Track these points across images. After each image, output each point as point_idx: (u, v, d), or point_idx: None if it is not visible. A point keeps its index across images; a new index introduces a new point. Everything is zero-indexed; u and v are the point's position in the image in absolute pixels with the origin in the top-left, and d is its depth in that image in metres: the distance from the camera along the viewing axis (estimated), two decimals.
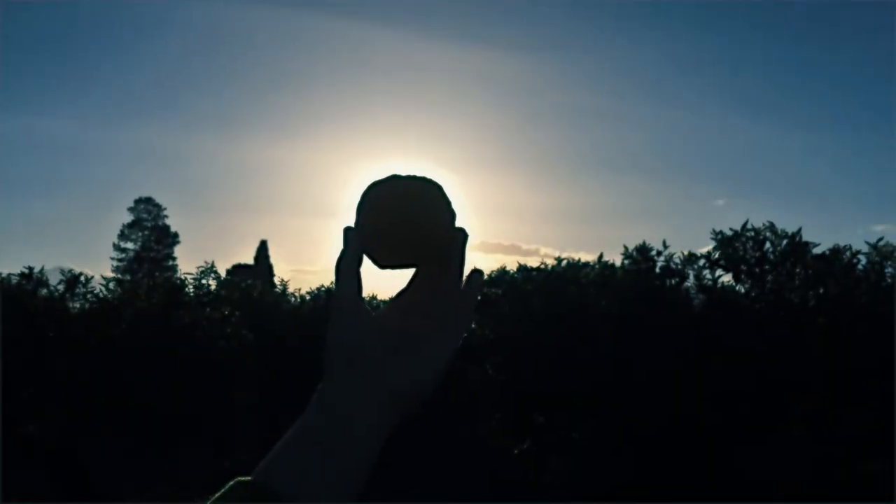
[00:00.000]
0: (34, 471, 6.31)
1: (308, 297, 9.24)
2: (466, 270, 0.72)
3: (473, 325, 8.10)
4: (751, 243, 5.24)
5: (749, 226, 5.29)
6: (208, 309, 7.20)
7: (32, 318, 6.22)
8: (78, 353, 5.70)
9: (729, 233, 5.34)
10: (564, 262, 6.73)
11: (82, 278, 6.78)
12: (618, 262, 6.09)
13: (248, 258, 37.70)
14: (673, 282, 5.56)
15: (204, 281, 7.23)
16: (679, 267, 5.52)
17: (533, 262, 7.39)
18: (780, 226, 5.25)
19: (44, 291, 6.71)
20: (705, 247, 5.61)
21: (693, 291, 5.62)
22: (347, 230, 0.70)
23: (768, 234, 5.23)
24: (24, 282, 6.65)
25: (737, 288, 5.32)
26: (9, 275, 6.72)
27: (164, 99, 71.82)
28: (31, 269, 6.70)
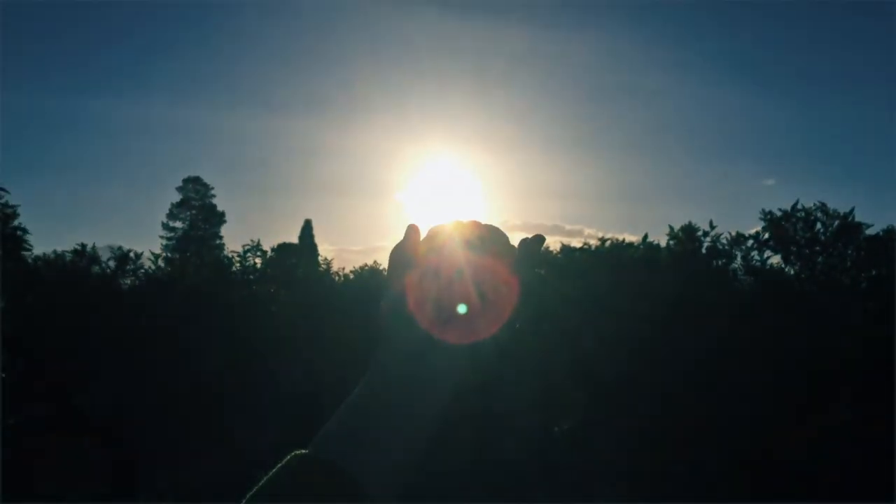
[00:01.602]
0: (85, 440, 6.52)
1: (351, 276, 9.32)
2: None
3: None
4: (801, 224, 5.13)
5: (800, 206, 5.18)
6: (254, 287, 7.31)
7: (85, 295, 6.39)
8: (127, 329, 5.84)
9: (778, 213, 5.23)
10: (608, 243, 6.66)
11: (132, 255, 6.93)
12: (663, 243, 6.02)
13: (292, 238, 38.12)
14: (720, 263, 5.47)
15: (249, 259, 7.33)
16: (726, 248, 5.43)
17: (576, 243, 7.32)
18: (831, 206, 5.13)
19: (96, 268, 6.88)
20: (754, 228, 5.51)
21: (740, 273, 5.52)
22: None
23: (819, 214, 5.11)
24: (77, 259, 6.82)
25: (786, 269, 5.21)
26: (63, 252, 6.91)
27: (212, 79, 72.67)
28: (83, 246, 6.87)
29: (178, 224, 40.92)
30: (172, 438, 7.33)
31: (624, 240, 6.63)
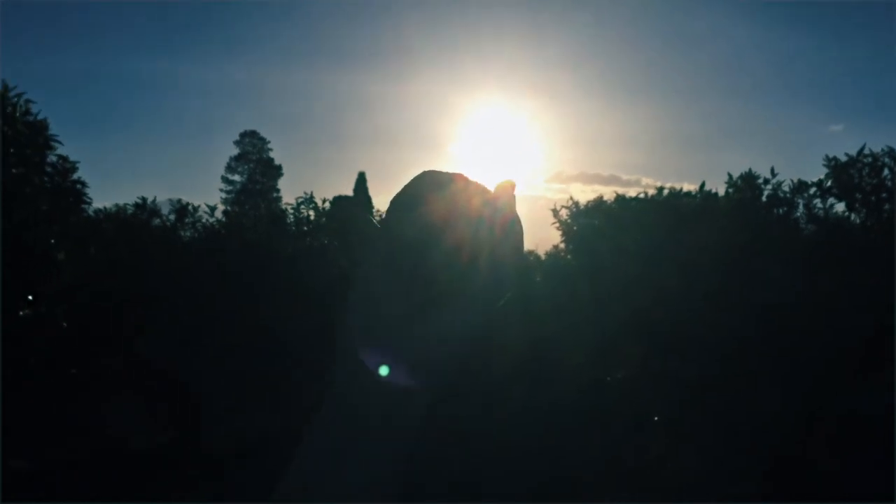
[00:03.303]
0: (148, 389, 6.75)
1: None
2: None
3: (568, 256, 8.00)
4: (867, 170, 4.91)
5: (867, 151, 4.95)
6: (308, 239, 7.39)
7: (145, 246, 6.55)
8: (187, 280, 5.98)
9: (843, 159, 5.01)
10: (666, 192, 6.51)
11: (190, 208, 7.07)
12: (722, 192, 5.85)
13: (347, 190, 38.42)
14: (780, 211, 5.29)
15: (303, 212, 7.39)
16: (788, 196, 5.25)
17: (633, 193, 7.19)
18: None
19: (156, 221, 7.04)
20: (818, 175, 5.30)
21: (803, 221, 5.34)
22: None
23: (887, 159, 4.88)
24: (138, 212, 6.99)
25: (851, 217, 5.02)
26: (125, 204, 7.09)
27: (267, 37, 72.94)
28: (144, 199, 7.02)
29: (237, 177, 41.59)
30: (232, 388, 7.55)
31: (681, 188, 6.48)
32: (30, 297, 3.55)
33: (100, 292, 5.07)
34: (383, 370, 0.58)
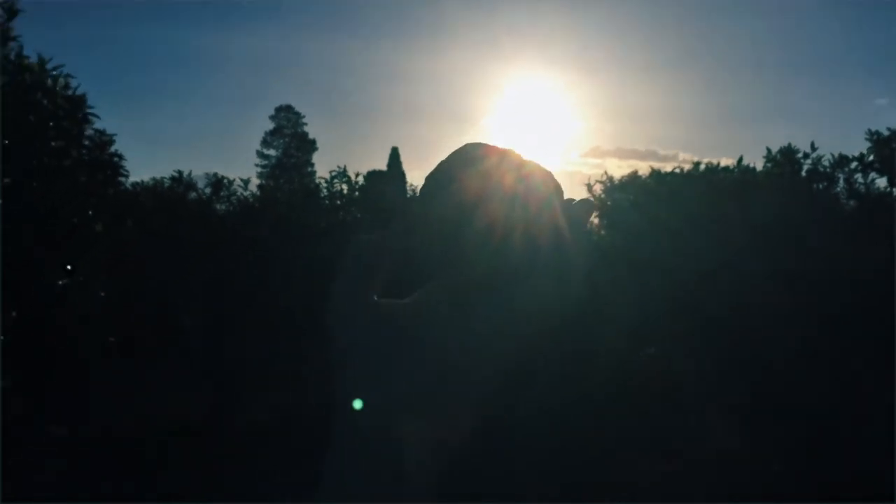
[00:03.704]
0: (185, 361, 6.87)
1: None
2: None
3: (602, 231, 7.93)
4: None
5: None
6: (341, 213, 7.42)
7: (182, 219, 6.64)
8: (223, 253, 6.06)
9: (886, 133, 4.88)
10: (703, 167, 6.41)
11: (225, 181, 7.14)
12: (759, 166, 5.74)
13: (381, 165, 38.47)
14: (820, 186, 5.18)
15: (336, 186, 7.42)
16: (828, 171, 5.13)
17: (669, 168, 7.09)
18: None
19: (192, 195, 7.12)
20: (861, 150, 5.17)
21: (843, 196, 5.23)
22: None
23: None
24: (174, 185, 7.07)
25: (893, 192, 4.90)
26: (161, 178, 7.18)
27: (300, 7, 72.91)
28: (180, 173, 7.10)
29: (272, 152, 41.88)
30: (267, 363, 7.65)
31: (718, 163, 6.37)
32: (68, 268, 3.63)
33: (136, 264, 5.16)
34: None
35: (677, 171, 6.67)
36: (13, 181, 3.64)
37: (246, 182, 7.20)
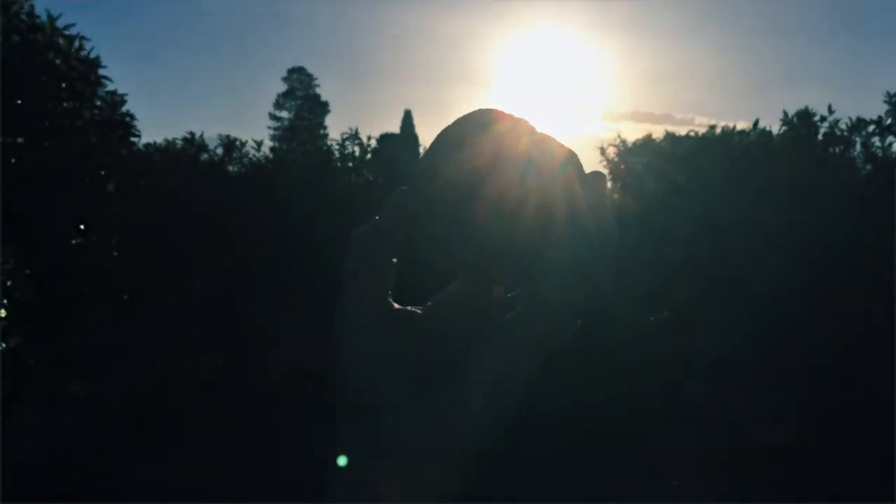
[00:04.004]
0: (197, 323, 6.94)
1: None
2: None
3: (615, 196, 7.88)
4: None
5: None
6: (353, 175, 7.41)
7: (195, 180, 6.65)
8: (234, 214, 6.07)
9: None
10: (719, 130, 6.35)
11: (237, 143, 7.13)
12: (776, 130, 5.68)
13: (394, 128, 38.29)
14: (837, 150, 5.12)
15: (347, 148, 7.39)
16: (845, 134, 5.06)
17: (685, 132, 7.02)
18: None
19: (204, 156, 7.13)
20: (879, 113, 5.10)
21: (860, 161, 5.16)
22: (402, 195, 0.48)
23: None
24: (187, 146, 7.08)
25: None
26: (174, 139, 7.19)
27: None
28: (193, 134, 7.10)
29: (285, 114, 41.74)
30: (278, 320, 7.71)
31: (734, 127, 6.31)
32: (81, 227, 3.66)
33: (150, 224, 5.19)
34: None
35: (692, 134, 6.61)
36: (25, 141, 3.65)
37: (259, 143, 7.19)
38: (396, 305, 0.48)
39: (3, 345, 2.90)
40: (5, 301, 3.04)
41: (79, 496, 4.01)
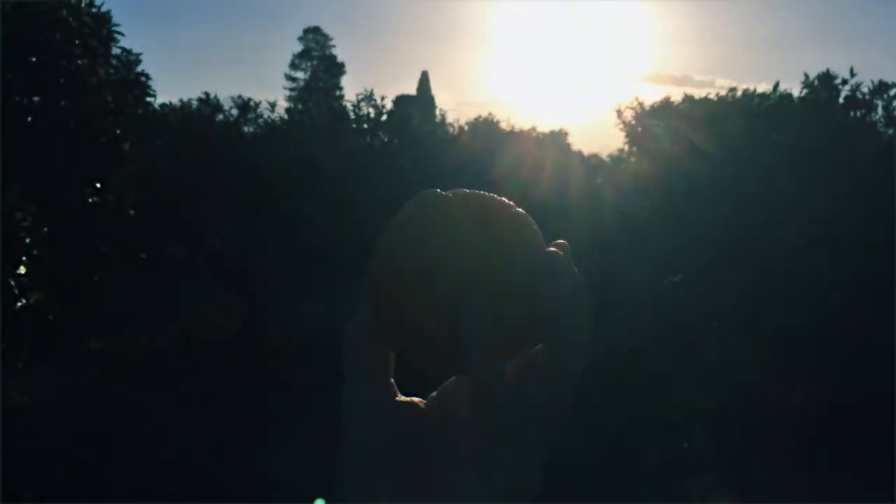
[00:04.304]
0: (217, 280, 7.00)
1: (466, 128, 9.26)
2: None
3: (633, 159, 7.81)
4: None
5: None
6: (369, 137, 7.38)
7: (210, 139, 6.66)
8: (249, 174, 6.08)
9: None
10: (740, 93, 6.28)
11: (252, 104, 7.12)
12: (797, 93, 5.60)
13: (410, 89, 38.00)
14: (858, 114, 5.04)
15: (363, 109, 7.36)
16: (866, 97, 4.98)
17: (704, 94, 6.94)
18: None
19: (219, 116, 7.13)
20: None
21: (881, 125, 5.09)
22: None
23: None
24: (202, 107, 7.08)
25: None
26: (189, 100, 7.18)
27: None
28: (207, 95, 7.09)
29: (300, 75, 41.50)
30: (295, 281, 7.76)
31: (755, 89, 6.22)
32: (98, 185, 3.68)
33: (166, 183, 5.21)
34: None
35: (712, 97, 6.53)
36: (41, 100, 3.66)
37: (273, 105, 7.17)
38: (400, 396, 0.47)
39: (24, 301, 2.95)
40: (25, 259, 3.09)
41: (96, 449, 4.11)
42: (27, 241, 2.94)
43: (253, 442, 4.39)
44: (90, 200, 3.57)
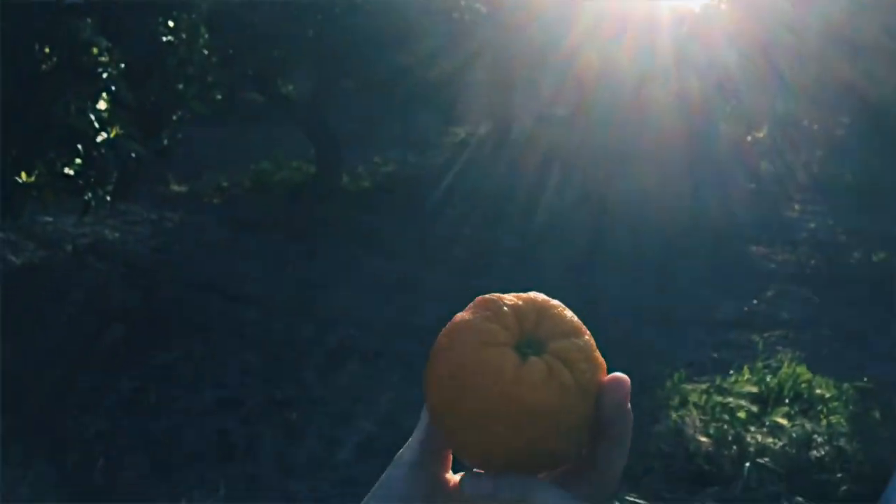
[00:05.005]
0: (291, 125, 7.04)
1: None
2: None
3: (722, 6, 7.31)
4: None
5: None
6: None
7: None
8: (324, 16, 5.94)
9: None
10: None
11: None
12: None
13: None
14: None
15: None
16: None
17: None
18: None
19: None
20: None
21: None
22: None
23: None
24: None
25: None
26: None
27: None
28: None
29: None
30: (368, 126, 7.77)
31: None
32: (170, 24, 3.67)
33: (238, 23, 5.17)
34: None
35: None
36: None
37: None
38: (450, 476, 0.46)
39: (105, 134, 3.03)
40: (105, 95, 3.14)
41: (176, 279, 4.34)
42: (104, 75, 2.99)
43: (326, 282, 4.54)
44: (164, 40, 3.57)
